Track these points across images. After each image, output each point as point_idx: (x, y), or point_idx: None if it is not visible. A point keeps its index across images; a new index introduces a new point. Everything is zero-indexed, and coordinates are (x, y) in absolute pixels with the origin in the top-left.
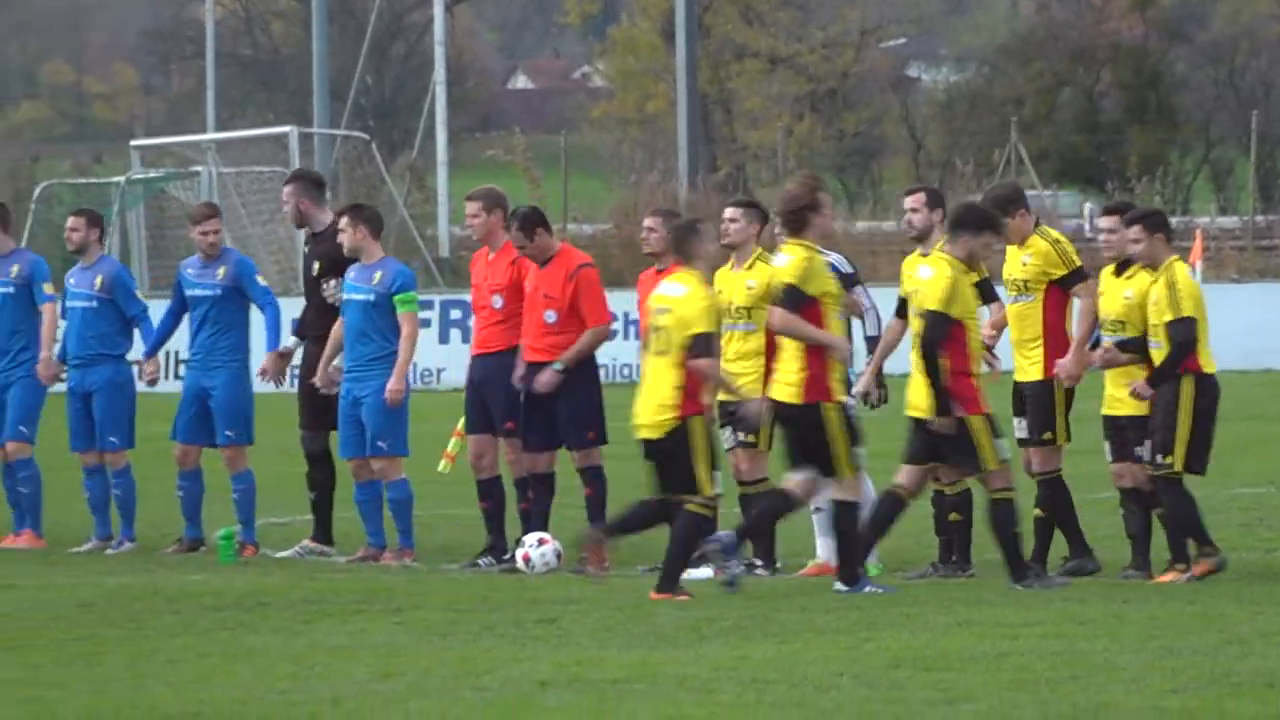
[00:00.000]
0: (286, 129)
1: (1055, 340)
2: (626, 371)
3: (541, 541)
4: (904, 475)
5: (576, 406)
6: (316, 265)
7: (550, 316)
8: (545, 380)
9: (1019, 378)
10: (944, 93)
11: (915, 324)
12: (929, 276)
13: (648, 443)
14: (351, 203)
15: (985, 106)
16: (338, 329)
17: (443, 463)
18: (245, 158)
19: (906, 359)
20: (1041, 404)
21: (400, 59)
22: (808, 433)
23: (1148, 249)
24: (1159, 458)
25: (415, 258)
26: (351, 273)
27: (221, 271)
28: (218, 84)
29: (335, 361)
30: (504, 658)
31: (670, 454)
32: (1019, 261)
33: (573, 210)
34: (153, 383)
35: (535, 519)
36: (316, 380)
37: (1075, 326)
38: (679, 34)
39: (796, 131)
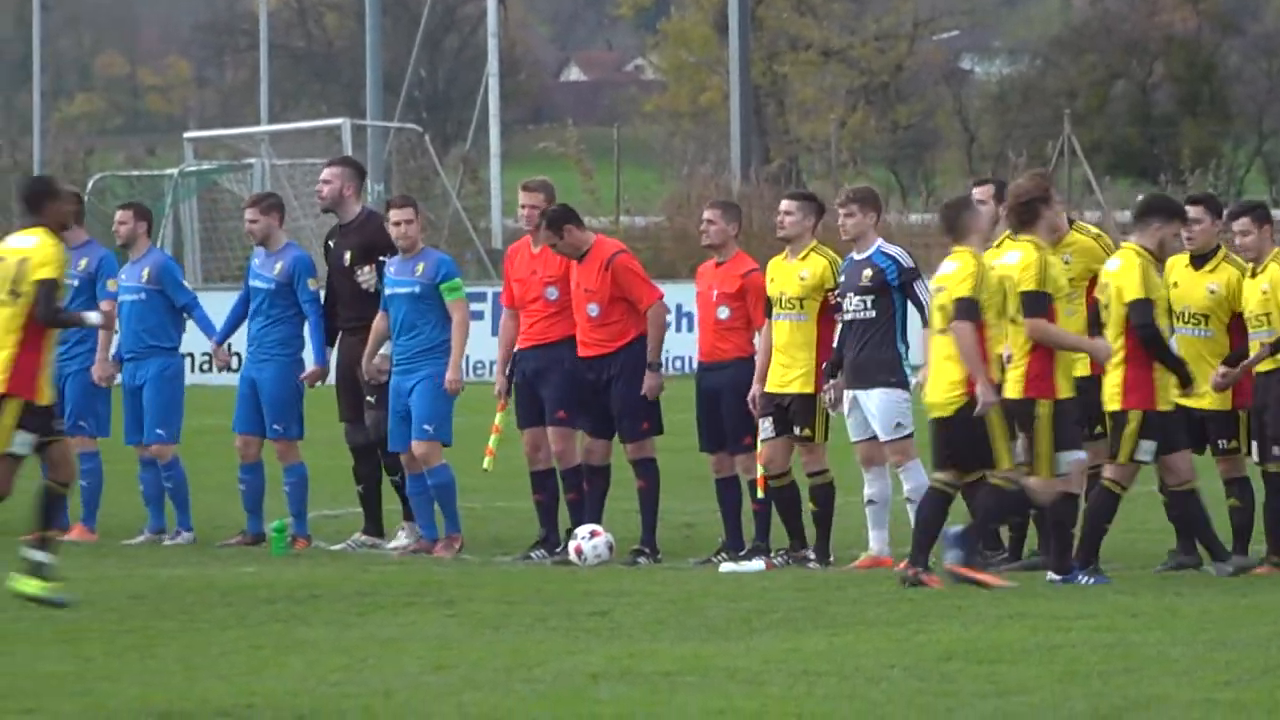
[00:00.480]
0: (339, 121)
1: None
2: (678, 364)
3: (594, 534)
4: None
5: (630, 397)
6: (348, 255)
7: (593, 310)
8: (652, 385)
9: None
10: (997, 85)
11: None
12: (1117, 268)
13: (940, 422)
14: (402, 195)
15: (1038, 99)
16: (380, 321)
17: (486, 460)
18: (298, 150)
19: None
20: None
21: (453, 51)
22: (1023, 424)
23: (1255, 241)
24: (1276, 450)
25: (468, 249)
26: (392, 266)
27: (278, 267)
28: (271, 76)
29: (383, 350)
30: (556, 650)
31: (964, 432)
32: (1059, 262)
33: (625, 202)
34: (224, 368)
35: (589, 511)
36: (364, 372)
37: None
38: (732, 26)
39: (849, 124)
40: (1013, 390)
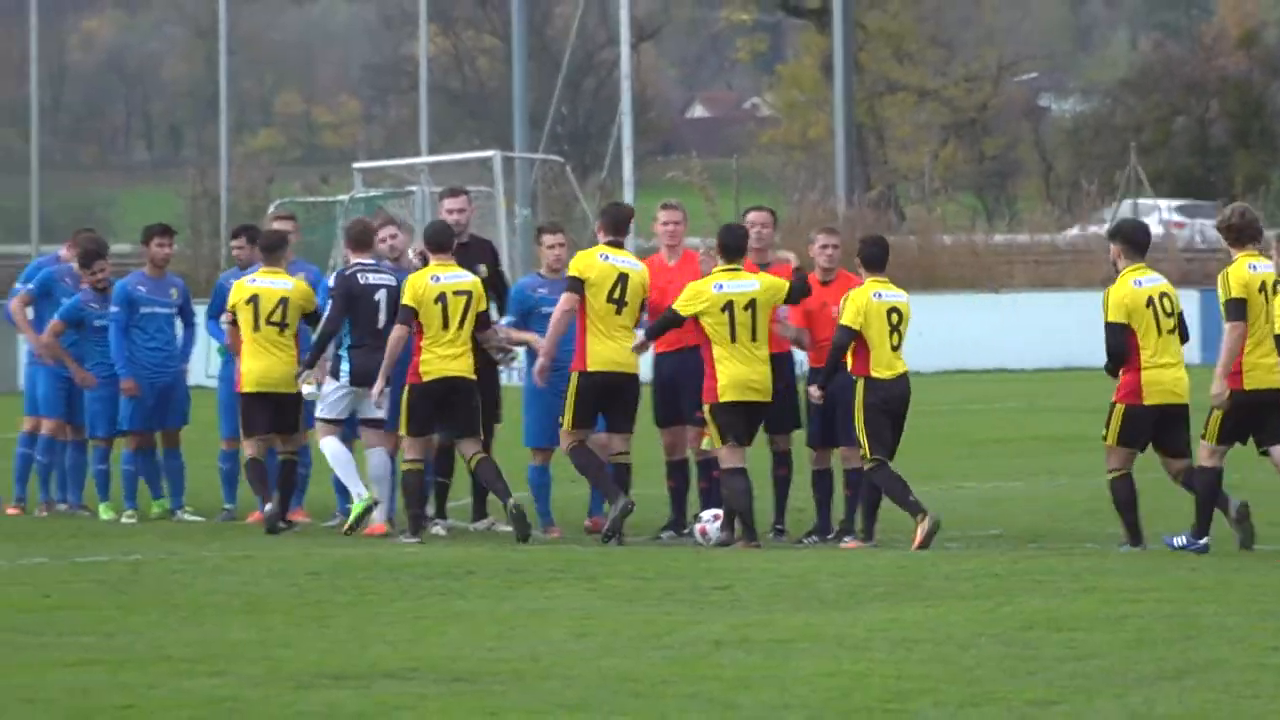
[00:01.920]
0: (491, 153)
1: None
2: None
3: (717, 517)
4: None
5: (789, 399)
6: (484, 268)
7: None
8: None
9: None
10: (1071, 121)
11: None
12: None
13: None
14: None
15: (1108, 133)
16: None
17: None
18: (454, 179)
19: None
20: None
21: (591, 91)
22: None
23: None
24: None
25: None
26: (544, 286)
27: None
28: (430, 113)
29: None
30: (683, 620)
31: None
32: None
33: None
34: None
35: (715, 496)
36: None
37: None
38: (837, 70)
39: (941, 155)
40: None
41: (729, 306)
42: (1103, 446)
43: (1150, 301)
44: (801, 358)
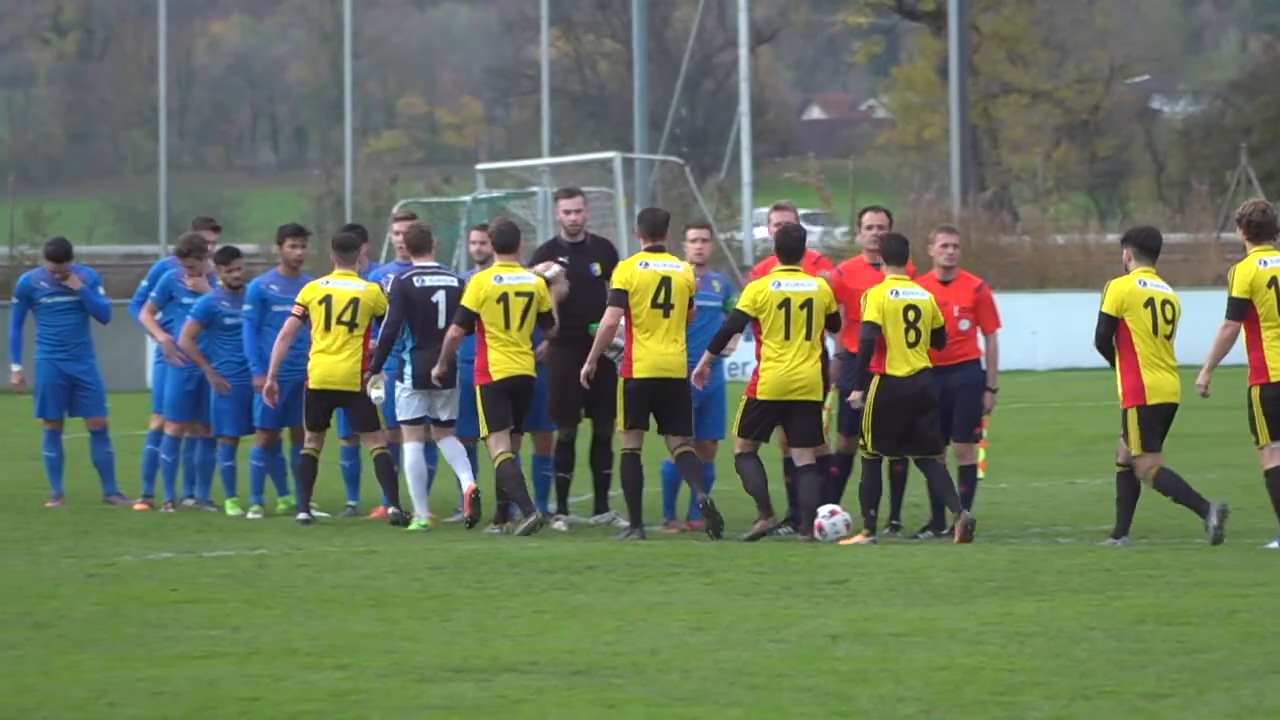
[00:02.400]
0: (611, 155)
1: None
2: None
3: (833, 513)
4: None
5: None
6: (597, 267)
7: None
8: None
9: None
10: (1182, 122)
11: None
12: None
13: None
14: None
15: (1218, 134)
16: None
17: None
18: (575, 180)
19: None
20: None
21: (710, 93)
22: None
23: None
24: None
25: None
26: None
27: None
28: (552, 115)
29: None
30: (800, 614)
31: None
32: None
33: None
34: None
35: (830, 493)
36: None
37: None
38: (952, 72)
39: (1054, 156)
40: None
41: (786, 305)
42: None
43: (1150, 303)
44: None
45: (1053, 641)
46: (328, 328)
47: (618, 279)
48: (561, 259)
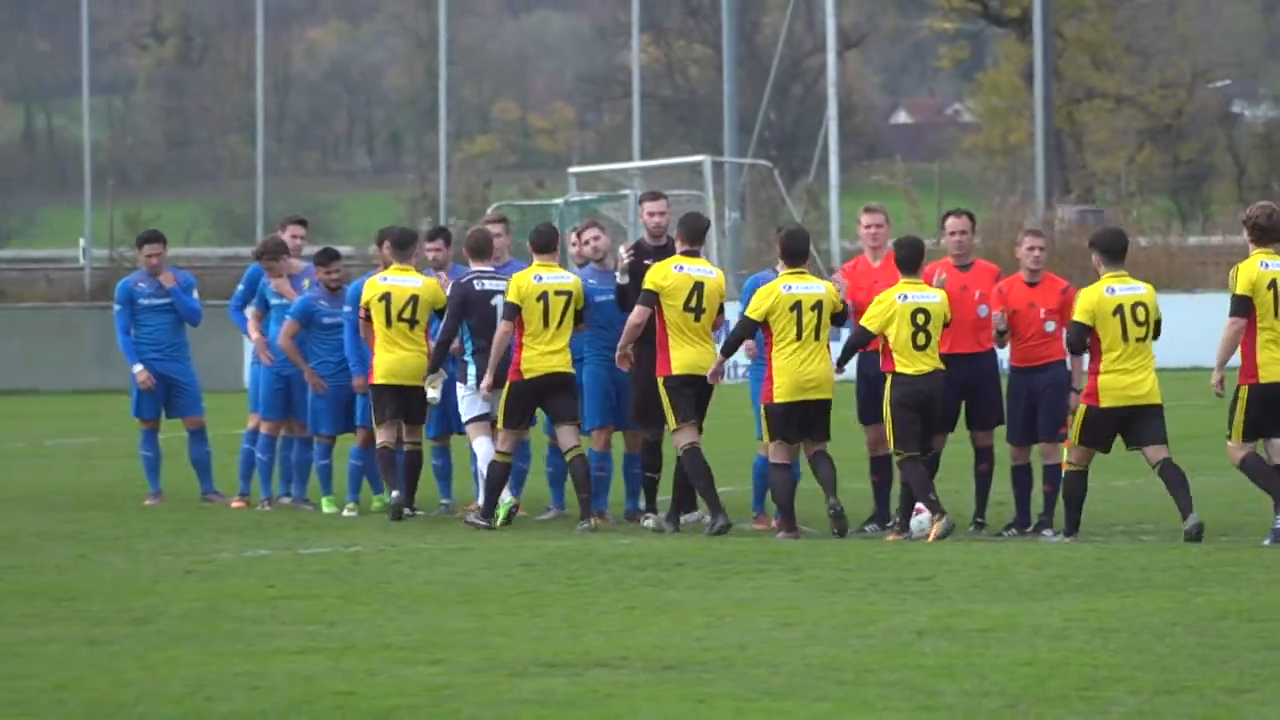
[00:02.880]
0: (701, 158)
1: None
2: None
3: (918, 511)
4: None
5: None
6: None
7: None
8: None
9: None
10: (1263, 126)
11: None
12: None
13: None
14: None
15: None
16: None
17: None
18: (665, 183)
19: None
20: None
21: (799, 97)
22: None
23: None
24: None
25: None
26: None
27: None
28: (643, 119)
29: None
30: (886, 610)
31: None
32: None
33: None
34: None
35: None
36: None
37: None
38: (1037, 77)
39: (1137, 160)
40: None
41: (797, 307)
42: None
43: (1119, 310)
44: (1003, 356)
45: (1136, 637)
46: (389, 325)
47: (650, 280)
48: (646, 260)
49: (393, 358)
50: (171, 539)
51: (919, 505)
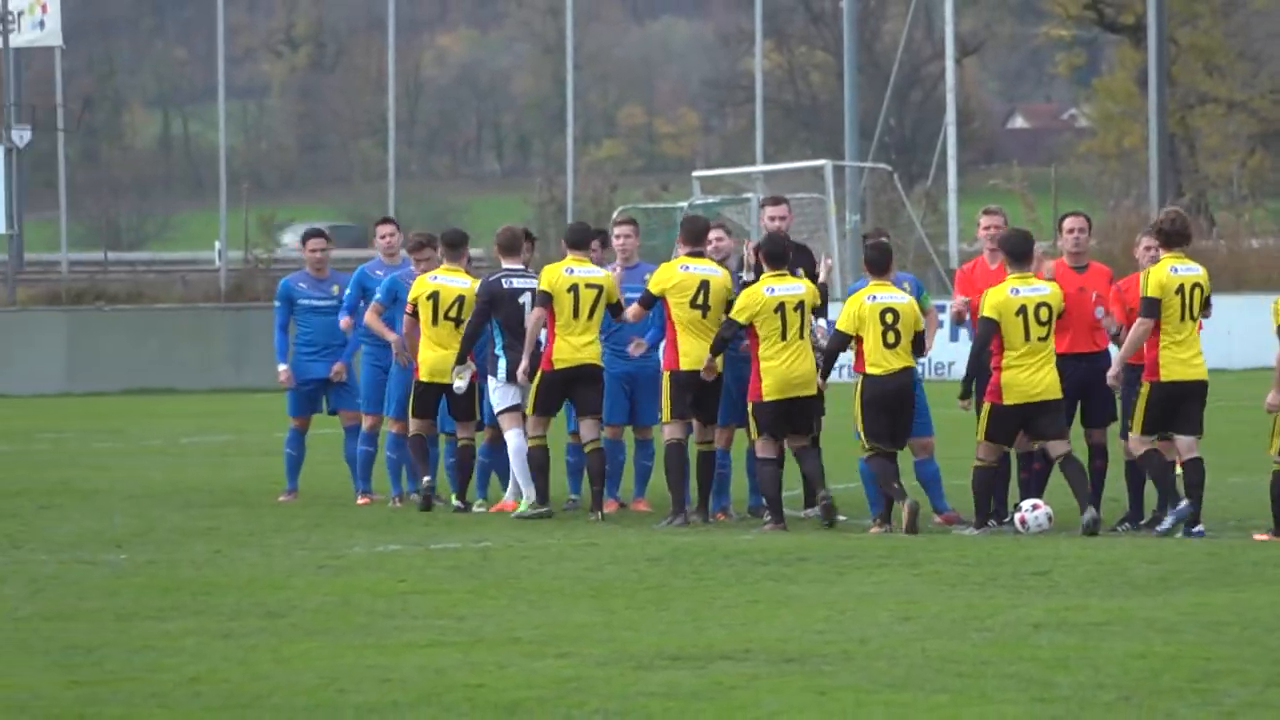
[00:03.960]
0: (822, 163)
1: None
2: None
3: (1035, 507)
4: None
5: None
6: (802, 271)
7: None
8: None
9: None
10: None
11: None
12: None
13: None
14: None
15: None
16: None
17: None
18: (788, 187)
19: None
20: None
21: (918, 103)
22: None
23: None
24: None
25: (929, 269)
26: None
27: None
28: (765, 125)
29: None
30: (1003, 604)
31: None
32: None
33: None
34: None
35: (1034, 487)
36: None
37: None
38: (1151, 83)
39: (1249, 164)
40: None
41: (780, 308)
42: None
43: (1021, 310)
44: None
45: (1248, 630)
46: (435, 322)
47: (655, 281)
48: None
49: (436, 356)
50: (305, 535)
51: (1035, 501)
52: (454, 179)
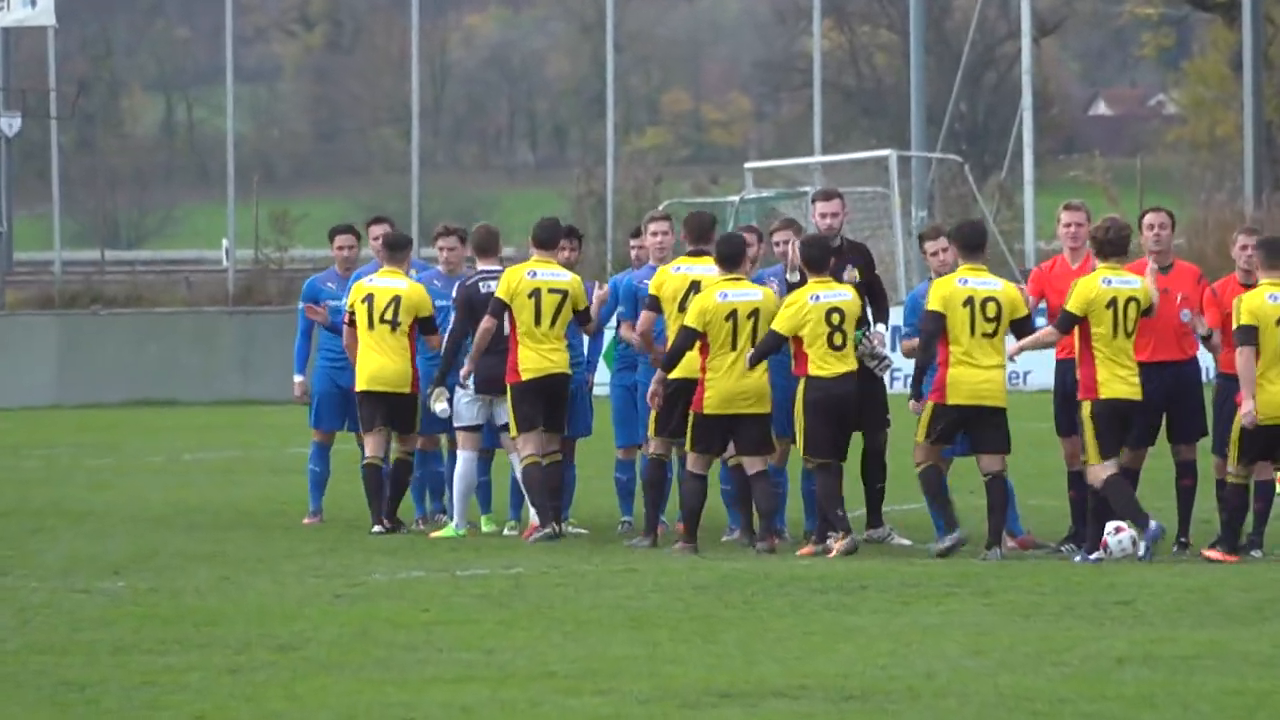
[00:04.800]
0: (886, 153)
1: None
2: None
3: (1118, 529)
4: None
5: (1197, 403)
6: (856, 272)
7: (1186, 316)
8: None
9: None
10: None
11: None
12: None
13: None
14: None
15: None
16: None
17: None
18: (848, 179)
19: None
20: None
21: (991, 87)
22: None
23: None
24: None
25: (1003, 269)
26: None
27: None
28: (824, 111)
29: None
30: (1083, 636)
31: None
32: None
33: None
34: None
35: (1118, 508)
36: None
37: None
38: (1246, 66)
39: None
40: None
41: (733, 316)
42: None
43: (969, 301)
44: (1210, 362)
45: None
46: (371, 327)
47: (652, 285)
48: None
49: (375, 364)
50: (319, 560)
51: (1118, 524)
52: (483, 170)
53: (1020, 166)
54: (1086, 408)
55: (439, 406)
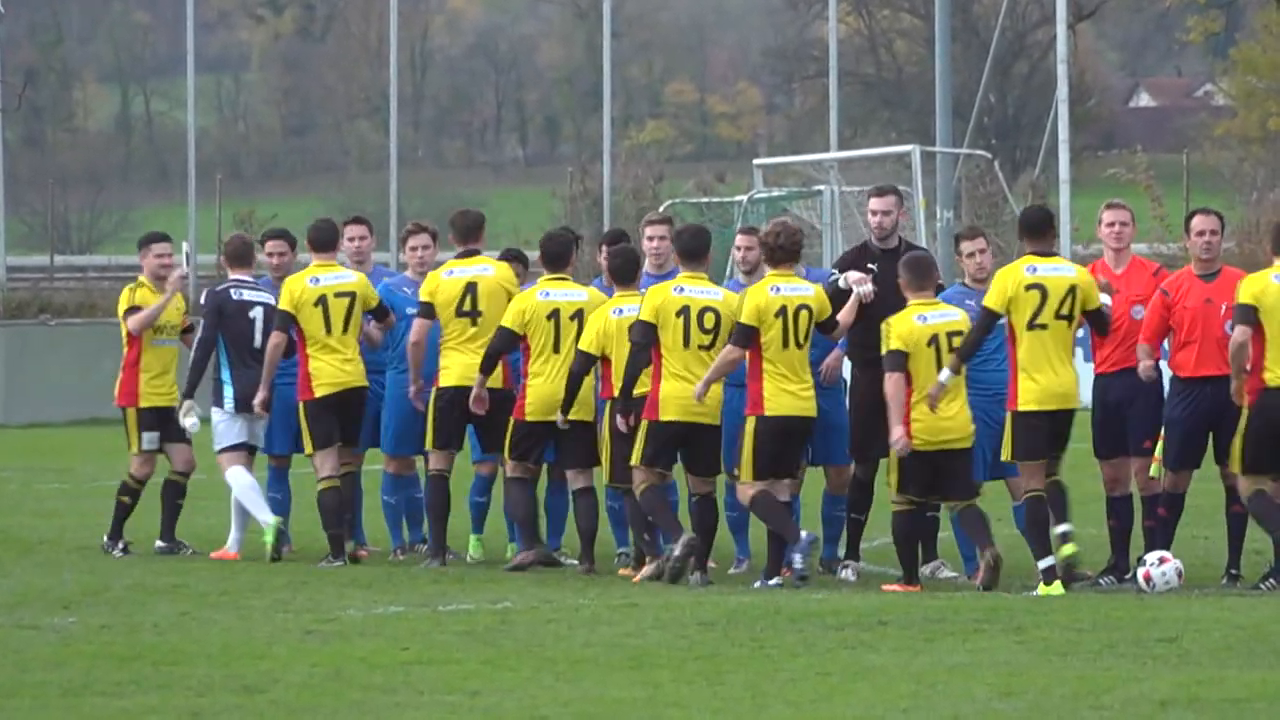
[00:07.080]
0: (909, 148)
1: None
2: None
3: (1162, 560)
4: None
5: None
6: (870, 287)
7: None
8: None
9: None
10: None
11: None
12: None
13: None
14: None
15: None
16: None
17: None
18: (868, 177)
19: None
20: None
21: (1023, 77)
22: None
23: None
24: None
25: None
26: (970, 298)
27: None
28: (840, 103)
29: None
30: (1124, 677)
31: None
32: None
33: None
34: None
35: (1160, 537)
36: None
37: None
38: None
39: None
40: None
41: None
42: None
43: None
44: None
45: None
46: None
47: (425, 290)
48: (870, 266)
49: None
50: (289, 595)
51: (1161, 554)
52: (468, 167)
53: (1055, 164)
54: (750, 424)
55: (188, 421)
